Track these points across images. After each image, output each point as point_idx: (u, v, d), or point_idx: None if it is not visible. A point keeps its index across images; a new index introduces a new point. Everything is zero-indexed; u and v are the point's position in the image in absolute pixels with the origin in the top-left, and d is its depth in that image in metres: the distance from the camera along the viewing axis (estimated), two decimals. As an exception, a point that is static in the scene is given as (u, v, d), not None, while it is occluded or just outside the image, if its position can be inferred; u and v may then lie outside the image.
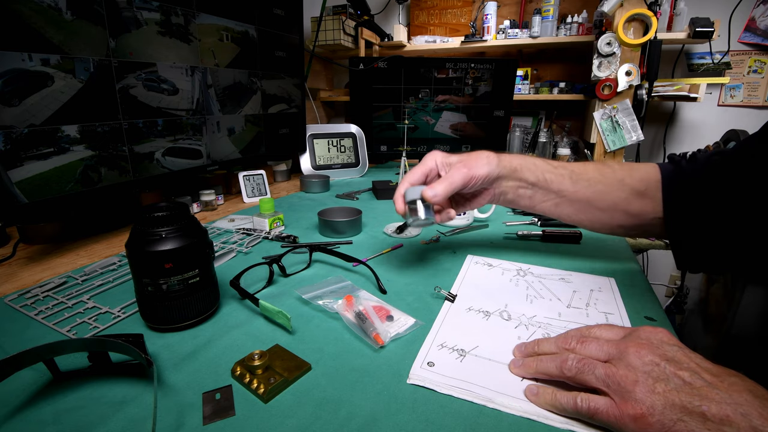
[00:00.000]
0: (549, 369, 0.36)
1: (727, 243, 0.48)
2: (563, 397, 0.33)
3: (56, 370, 0.38)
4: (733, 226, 0.47)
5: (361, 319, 0.46)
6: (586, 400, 0.32)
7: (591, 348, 0.35)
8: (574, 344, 0.36)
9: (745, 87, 1.65)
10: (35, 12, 0.60)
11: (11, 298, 0.54)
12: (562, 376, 0.35)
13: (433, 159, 0.56)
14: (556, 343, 0.38)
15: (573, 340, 0.37)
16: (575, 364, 0.34)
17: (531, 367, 0.38)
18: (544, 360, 0.37)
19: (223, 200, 1.05)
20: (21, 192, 0.61)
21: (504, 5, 1.83)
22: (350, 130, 1.37)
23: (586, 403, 0.32)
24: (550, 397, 0.34)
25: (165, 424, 0.33)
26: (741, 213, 0.46)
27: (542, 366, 0.37)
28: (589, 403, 0.32)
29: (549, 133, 1.78)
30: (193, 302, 0.46)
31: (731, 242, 0.48)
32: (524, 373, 0.38)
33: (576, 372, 0.34)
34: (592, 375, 0.33)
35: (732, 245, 0.48)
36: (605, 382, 0.32)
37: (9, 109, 0.58)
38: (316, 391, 0.37)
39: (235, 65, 1.00)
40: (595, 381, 0.33)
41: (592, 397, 0.32)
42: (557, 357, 0.36)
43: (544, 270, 0.62)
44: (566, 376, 0.35)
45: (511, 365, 0.39)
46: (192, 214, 0.48)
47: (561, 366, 0.35)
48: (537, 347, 0.39)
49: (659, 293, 1.89)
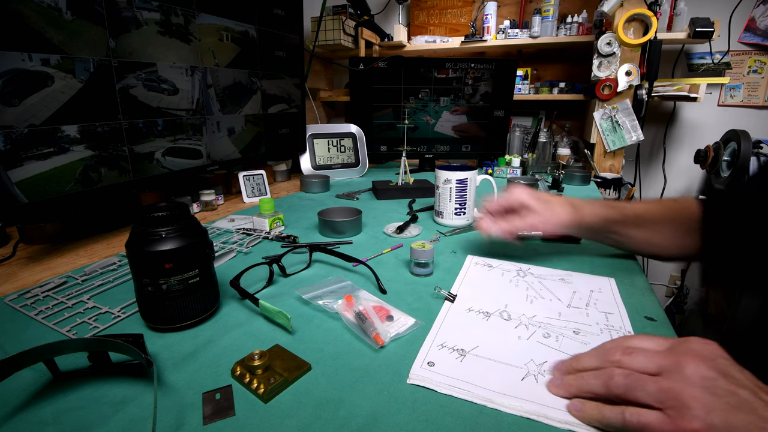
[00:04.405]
0: (593, 387, 0.33)
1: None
2: (610, 412, 0.31)
3: (56, 370, 0.38)
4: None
5: (361, 319, 0.46)
6: (636, 415, 0.30)
7: (639, 360, 0.32)
8: (618, 356, 0.33)
9: (745, 87, 1.65)
10: (35, 12, 0.60)
11: (11, 298, 0.54)
12: (609, 394, 0.32)
13: (517, 198, 0.61)
14: (598, 356, 0.35)
15: (617, 352, 0.34)
16: (623, 381, 0.32)
17: (572, 385, 0.35)
18: (586, 377, 0.34)
19: (223, 200, 1.05)
20: (21, 192, 0.61)
21: (504, 5, 1.83)
22: (350, 130, 1.37)
23: (636, 418, 0.30)
24: (595, 412, 0.32)
25: (165, 424, 0.33)
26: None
27: (585, 384, 0.34)
28: (639, 417, 0.30)
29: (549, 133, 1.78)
30: (193, 302, 0.46)
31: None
32: (565, 392, 0.35)
33: (625, 389, 0.31)
34: (643, 392, 0.30)
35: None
36: (657, 398, 0.30)
37: (9, 109, 0.58)
38: (316, 391, 0.37)
39: (235, 65, 1.00)
40: (647, 397, 0.30)
41: (642, 411, 0.30)
42: (601, 373, 0.33)
43: (544, 270, 0.62)
44: (614, 394, 0.32)
45: (549, 385, 0.37)
46: (192, 214, 0.48)
47: (607, 383, 0.32)
48: (577, 363, 0.37)
49: (659, 293, 1.89)
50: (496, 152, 1.50)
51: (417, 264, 0.60)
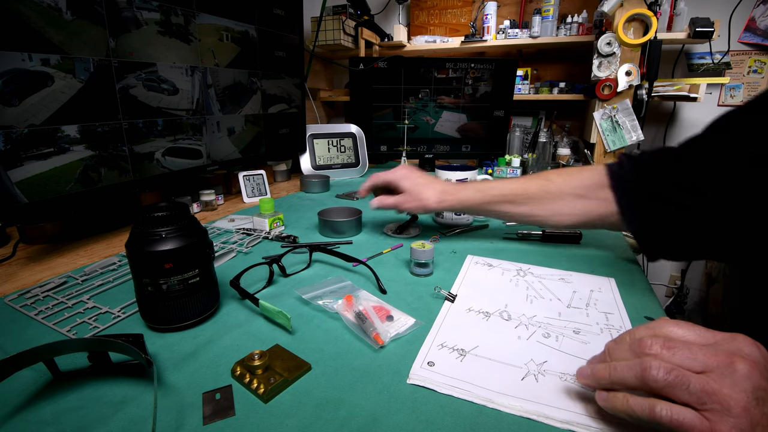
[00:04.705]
0: (626, 378, 0.30)
1: (688, 229, 0.50)
2: (637, 404, 0.29)
3: (56, 370, 0.38)
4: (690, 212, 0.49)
5: (361, 319, 0.46)
6: (668, 410, 0.28)
7: (682, 356, 0.29)
8: (657, 350, 0.30)
9: (745, 87, 1.65)
10: (35, 12, 0.60)
11: (11, 298, 0.54)
12: (645, 388, 0.29)
13: (395, 177, 0.71)
14: (631, 348, 0.32)
15: (656, 345, 0.30)
16: (663, 375, 0.28)
17: (603, 377, 0.32)
18: (619, 368, 0.31)
19: (223, 200, 1.05)
20: (21, 192, 0.61)
21: (504, 5, 1.83)
22: (350, 130, 1.37)
23: (668, 414, 0.27)
24: (621, 402, 0.30)
25: (165, 424, 0.33)
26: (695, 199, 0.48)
27: (617, 374, 0.31)
28: (671, 414, 0.27)
29: (549, 133, 1.77)
30: (193, 302, 0.46)
31: (693, 229, 0.49)
32: (595, 382, 0.33)
33: (665, 385, 0.28)
34: (685, 391, 0.28)
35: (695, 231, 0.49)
36: (700, 399, 0.27)
37: (9, 109, 0.58)
38: (316, 391, 0.37)
39: (235, 65, 1.00)
40: (688, 397, 0.28)
41: (675, 408, 0.28)
42: (635, 364, 0.30)
43: (544, 270, 0.62)
44: (651, 388, 0.29)
45: (578, 374, 0.34)
46: (192, 214, 0.48)
47: (643, 375, 0.29)
48: (608, 355, 0.34)
49: (659, 293, 1.89)
50: (496, 152, 1.50)
51: (417, 264, 0.60)
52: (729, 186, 0.45)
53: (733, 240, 0.46)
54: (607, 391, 0.32)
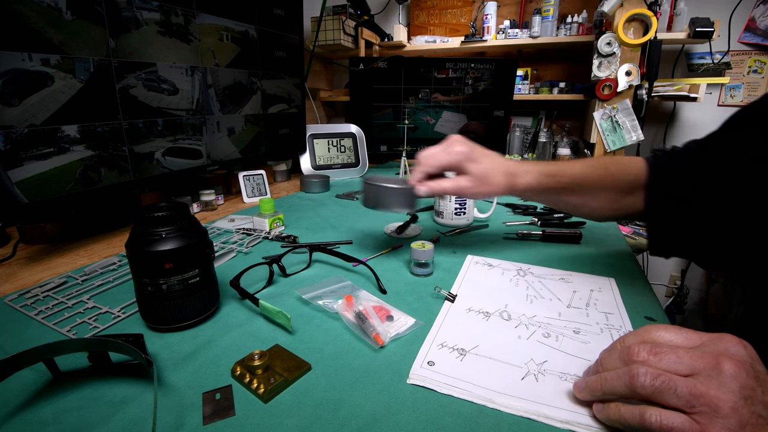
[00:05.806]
0: (616, 388, 0.31)
1: (701, 230, 0.50)
2: (628, 412, 0.29)
3: (56, 370, 0.38)
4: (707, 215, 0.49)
5: (361, 319, 0.46)
6: (657, 416, 0.28)
7: (669, 361, 0.30)
8: (645, 355, 0.31)
9: (745, 87, 1.65)
10: (35, 12, 0.60)
11: (11, 298, 0.54)
12: (635, 396, 0.30)
13: (458, 159, 0.60)
14: (621, 356, 0.32)
15: (643, 351, 0.31)
16: (650, 381, 0.29)
17: (596, 388, 0.32)
18: (609, 378, 0.31)
19: (223, 200, 1.05)
20: (21, 192, 0.61)
21: (504, 5, 1.83)
22: (350, 130, 1.37)
23: (658, 420, 0.28)
24: (614, 412, 0.31)
25: (165, 424, 0.33)
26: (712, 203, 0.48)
27: (608, 385, 0.31)
28: (661, 419, 0.28)
29: (549, 133, 1.78)
30: (193, 302, 0.46)
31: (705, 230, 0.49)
32: (589, 395, 0.33)
33: (652, 391, 0.29)
34: (673, 395, 0.28)
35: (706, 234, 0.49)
36: (689, 402, 0.27)
37: (9, 109, 0.58)
38: (316, 391, 0.37)
39: (235, 65, 1.00)
40: (677, 401, 0.28)
41: (665, 413, 0.28)
42: (623, 372, 0.30)
43: (544, 270, 0.62)
44: (641, 395, 0.29)
45: (574, 389, 0.35)
46: (192, 214, 0.48)
47: (631, 383, 0.30)
48: (600, 366, 0.34)
49: (659, 293, 1.89)
50: (496, 152, 1.50)
51: (417, 264, 0.60)
52: (736, 185, 0.45)
53: (738, 242, 0.46)
54: (602, 402, 0.32)
